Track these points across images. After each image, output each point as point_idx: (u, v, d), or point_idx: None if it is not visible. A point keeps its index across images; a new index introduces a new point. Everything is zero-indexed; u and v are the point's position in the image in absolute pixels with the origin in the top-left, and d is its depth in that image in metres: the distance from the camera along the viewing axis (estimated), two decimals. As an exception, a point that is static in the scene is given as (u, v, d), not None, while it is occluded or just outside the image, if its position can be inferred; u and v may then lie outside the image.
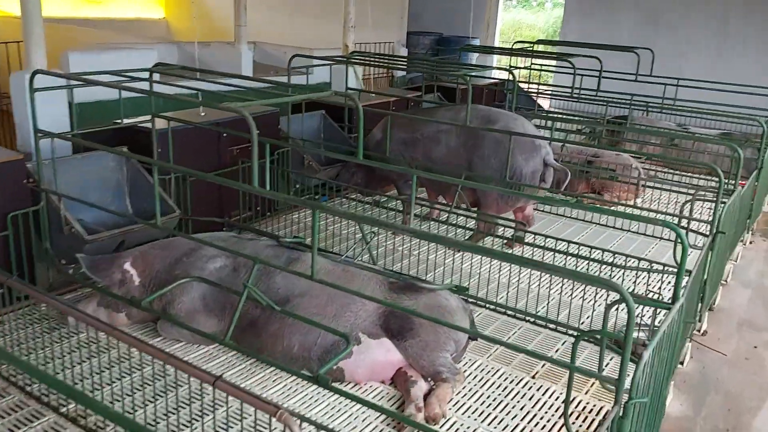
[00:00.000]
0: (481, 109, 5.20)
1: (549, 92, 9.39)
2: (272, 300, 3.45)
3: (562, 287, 4.58)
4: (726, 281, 5.38)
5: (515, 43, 9.20)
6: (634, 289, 4.28)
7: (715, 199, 4.06)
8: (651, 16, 12.64)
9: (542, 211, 6.20)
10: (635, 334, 3.93)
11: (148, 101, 4.42)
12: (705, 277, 4.08)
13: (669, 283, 4.57)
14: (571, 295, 4.41)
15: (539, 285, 4.62)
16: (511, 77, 6.99)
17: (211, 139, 5.10)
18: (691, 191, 5.98)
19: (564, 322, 3.99)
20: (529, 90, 9.73)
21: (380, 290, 3.51)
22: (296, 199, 2.85)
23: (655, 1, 12.57)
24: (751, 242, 6.36)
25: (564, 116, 8.92)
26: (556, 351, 3.86)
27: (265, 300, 3.18)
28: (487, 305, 4.16)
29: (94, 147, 3.71)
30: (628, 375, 2.35)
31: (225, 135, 5.04)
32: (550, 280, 4.67)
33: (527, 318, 4.12)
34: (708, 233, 4.00)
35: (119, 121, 4.81)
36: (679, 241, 2.86)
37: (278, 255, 3.67)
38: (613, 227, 5.89)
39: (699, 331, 4.53)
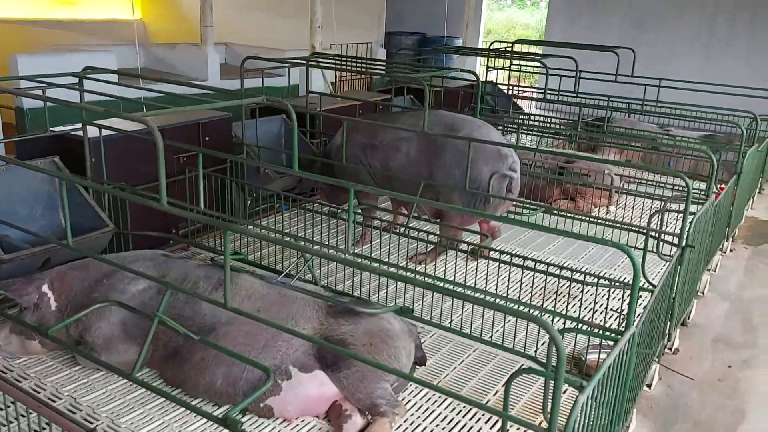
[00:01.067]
0: (444, 115, 4.90)
1: (524, 94, 9.11)
2: (198, 327, 3.17)
3: (518, 307, 4.30)
4: (702, 293, 5.11)
5: (492, 42, 8.92)
6: (594, 307, 4.00)
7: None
8: (638, 16, 12.39)
9: (512, 222, 5.92)
10: (595, 356, 3.66)
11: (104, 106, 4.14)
12: (673, 294, 3.81)
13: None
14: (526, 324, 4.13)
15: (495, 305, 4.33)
16: (494, 78, 6.70)
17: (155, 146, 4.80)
18: (668, 196, 5.72)
19: (518, 350, 3.73)
20: (509, 92, 9.45)
21: (317, 315, 3.23)
22: (207, 218, 2.56)
23: (642, 1, 12.32)
24: (731, 250, 6.09)
25: (528, 120, 8.66)
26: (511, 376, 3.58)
27: (181, 329, 2.89)
28: (437, 327, 3.88)
29: (4, 159, 3.42)
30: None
31: (168, 142, 4.74)
32: (506, 299, 4.38)
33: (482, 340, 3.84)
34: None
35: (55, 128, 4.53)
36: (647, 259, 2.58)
37: (209, 276, 3.39)
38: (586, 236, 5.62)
39: (670, 349, 4.26)
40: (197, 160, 4.91)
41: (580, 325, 3.60)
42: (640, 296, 3.82)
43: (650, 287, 3.85)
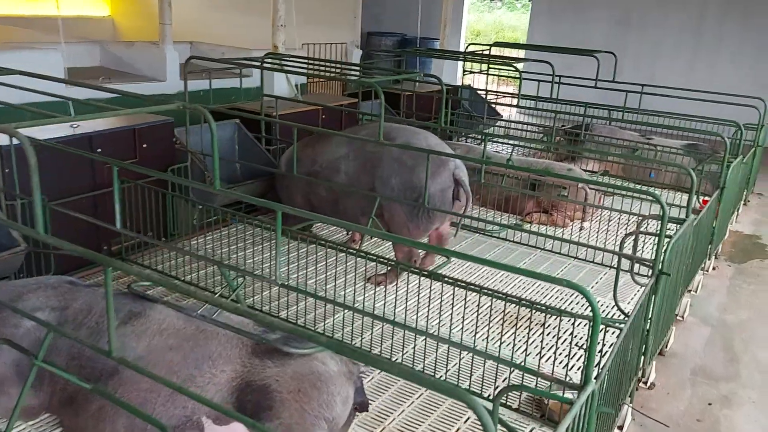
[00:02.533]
0: (377, 126, 4.50)
1: (503, 99, 8.72)
2: (99, 369, 2.75)
3: (474, 342, 3.89)
4: (682, 317, 4.75)
5: (468, 45, 8.53)
6: (557, 343, 3.60)
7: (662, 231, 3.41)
8: (623, 17, 12.06)
9: (485, 233, 5.55)
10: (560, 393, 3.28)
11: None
12: (648, 326, 3.44)
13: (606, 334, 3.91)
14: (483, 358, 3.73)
15: (449, 339, 3.94)
16: (477, 82, 6.31)
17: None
18: (644, 214, 5.35)
19: (475, 389, 3.34)
20: (487, 97, 9.06)
21: (240, 355, 2.82)
22: (81, 249, 2.14)
23: (626, 1, 11.99)
24: (714, 268, 5.73)
25: (507, 127, 8.29)
26: (466, 420, 3.19)
27: (68, 376, 2.46)
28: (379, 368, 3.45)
29: None
30: None
31: (99, 150, 4.31)
32: (462, 332, 3.99)
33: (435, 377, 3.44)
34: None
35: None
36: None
37: (117, 309, 2.95)
38: (560, 253, 5.25)
39: (645, 383, 3.88)
40: (134, 169, 4.51)
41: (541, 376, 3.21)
42: (611, 330, 3.43)
43: (620, 319, 3.48)
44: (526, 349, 3.62)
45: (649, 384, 3.89)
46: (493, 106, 8.96)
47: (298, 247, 4.67)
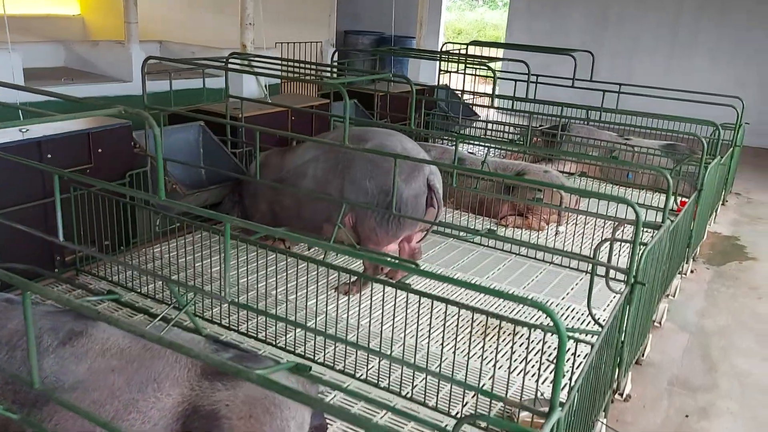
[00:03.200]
0: (351, 129, 4.33)
1: (479, 100, 8.59)
2: (35, 395, 2.54)
3: (442, 354, 3.73)
4: (660, 323, 4.63)
5: (444, 44, 8.38)
6: (528, 349, 3.45)
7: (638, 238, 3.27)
8: (600, 15, 11.99)
9: (459, 238, 5.39)
10: (529, 413, 3.13)
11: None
12: (623, 337, 3.30)
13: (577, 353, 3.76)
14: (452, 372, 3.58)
15: (415, 355, 3.77)
16: (445, 84, 6.15)
17: (34, 160, 4.15)
18: (620, 218, 5.23)
19: (442, 407, 3.17)
20: (463, 96, 8.92)
21: (188, 377, 2.63)
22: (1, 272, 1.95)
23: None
24: (692, 271, 5.63)
25: (485, 127, 8.15)
26: (433, 441, 3.02)
27: (-6, 407, 2.26)
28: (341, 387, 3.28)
29: None
30: None
31: (50, 156, 4.09)
32: (428, 344, 3.82)
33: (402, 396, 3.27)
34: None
35: None
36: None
37: (56, 328, 2.76)
38: (535, 258, 5.11)
39: (621, 395, 3.74)
40: (84, 175, 4.29)
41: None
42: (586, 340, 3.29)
43: (594, 330, 3.33)
44: (495, 362, 3.47)
45: (624, 396, 3.75)
46: (470, 106, 8.84)
47: (257, 257, 4.48)
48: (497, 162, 6.23)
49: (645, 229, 4.51)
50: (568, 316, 4.32)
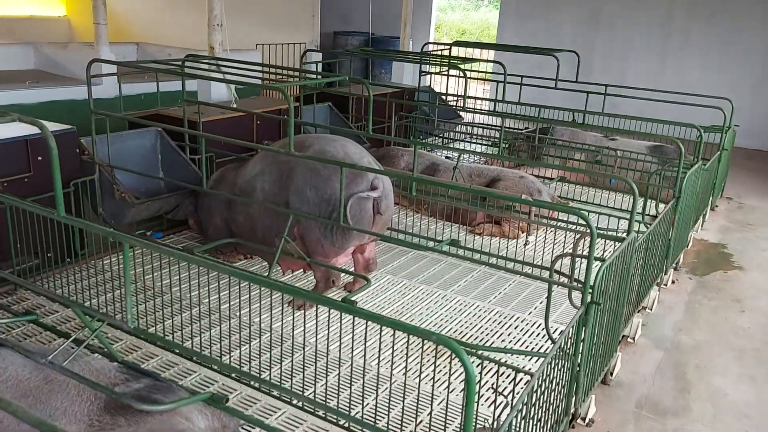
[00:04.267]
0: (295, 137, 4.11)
1: (454, 102, 8.34)
2: None
3: (391, 373, 3.50)
4: (633, 339, 4.38)
5: (425, 45, 8.15)
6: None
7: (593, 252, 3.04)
8: (591, 15, 11.72)
9: (424, 248, 5.15)
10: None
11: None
12: (578, 360, 3.06)
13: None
14: (403, 394, 3.34)
15: (363, 373, 3.54)
16: (427, 86, 5.92)
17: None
18: (608, 222, 4.99)
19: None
20: (446, 99, 8.68)
21: (90, 411, 2.42)
22: None
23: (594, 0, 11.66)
24: (673, 282, 5.38)
25: (470, 131, 7.91)
26: (367, 475, 2.80)
27: None
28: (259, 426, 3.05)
29: None
30: None
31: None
32: (378, 363, 3.59)
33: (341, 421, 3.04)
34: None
35: None
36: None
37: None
38: (504, 269, 4.86)
39: (584, 419, 3.50)
40: (23, 185, 4.08)
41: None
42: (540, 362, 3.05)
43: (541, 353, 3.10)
44: (449, 385, 3.25)
45: (587, 420, 3.51)
46: (454, 108, 8.60)
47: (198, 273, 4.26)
48: (471, 167, 6.00)
49: (612, 241, 4.28)
50: (532, 333, 4.08)
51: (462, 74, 5.70)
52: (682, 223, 5.10)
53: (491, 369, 3.50)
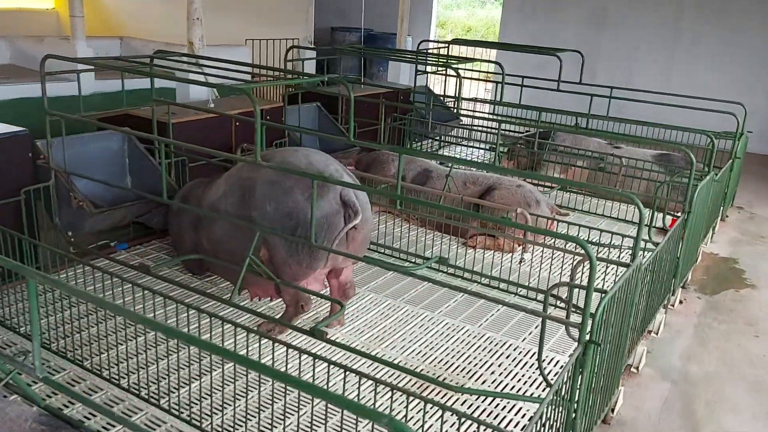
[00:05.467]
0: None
1: (451, 104, 7.95)
2: None
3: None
4: (637, 369, 3.99)
5: (420, 42, 7.75)
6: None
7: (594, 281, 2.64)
8: (598, 15, 11.29)
9: (406, 272, 4.75)
10: None
11: None
12: (574, 407, 2.67)
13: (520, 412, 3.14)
14: None
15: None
16: (424, 86, 5.53)
17: None
18: (611, 239, 4.59)
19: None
20: (444, 100, 8.29)
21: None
22: None
23: (601, -2, 11.24)
24: (681, 302, 4.98)
25: (469, 133, 7.51)
26: None
27: None
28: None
29: None
30: None
31: None
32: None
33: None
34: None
35: None
36: None
37: None
38: (498, 289, 4.47)
39: (580, 467, 3.11)
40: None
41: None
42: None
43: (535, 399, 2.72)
44: (422, 426, 2.87)
45: (584, 468, 3.12)
46: (452, 109, 8.21)
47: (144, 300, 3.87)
48: (466, 174, 5.60)
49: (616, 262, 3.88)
50: (525, 363, 3.68)
51: (456, 74, 5.30)
52: (692, 239, 4.70)
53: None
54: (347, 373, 2.46)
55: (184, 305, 2.86)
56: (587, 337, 2.58)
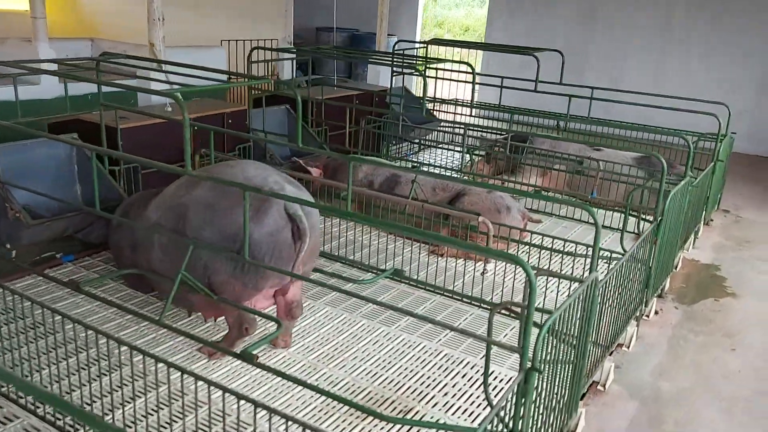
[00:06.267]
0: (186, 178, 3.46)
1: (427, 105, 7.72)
2: None
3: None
4: (604, 387, 3.78)
5: (397, 42, 7.53)
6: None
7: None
8: (587, 12, 11.08)
9: (357, 281, 4.55)
10: None
11: None
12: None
13: None
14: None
15: None
16: (401, 87, 5.32)
17: None
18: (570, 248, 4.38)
19: None
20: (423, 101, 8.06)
21: None
22: None
23: (589, -5, 11.02)
24: (657, 312, 4.77)
25: (450, 134, 7.29)
26: None
27: None
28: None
29: None
30: None
31: None
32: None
33: None
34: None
35: None
36: None
37: None
38: (461, 300, 4.26)
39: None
40: None
41: None
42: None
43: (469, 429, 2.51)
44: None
45: (537, 499, 2.90)
46: (430, 111, 8.00)
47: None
48: (435, 180, 5.39)
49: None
50: (481, 384, 3.46)
51: (422, 75, 5.09)
52: (667, 246, 4.48)
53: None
54: (262, 407, 2.24)
55: (102, 334, 2.64)
56: (528, 364, 2.37)
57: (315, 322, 3.92)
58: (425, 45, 7.71)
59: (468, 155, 5.49)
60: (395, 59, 6.40)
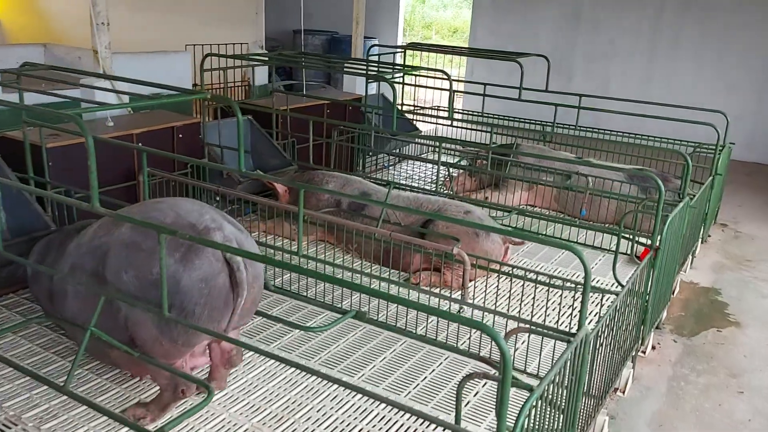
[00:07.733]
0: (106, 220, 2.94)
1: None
2: None
3: None
4: (598, 442, 3.29)
5: (371, 47, 7.03)
6: None
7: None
8: (573, 14, 10.62)
9: (307, 329, 4.02)
10: None
11: None
12: None
13: None
14: None
15: None
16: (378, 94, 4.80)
17: None
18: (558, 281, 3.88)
19: None
20: (402, 110, 7.57)
21: None
22: None
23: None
24: (654, 347, 4.29)
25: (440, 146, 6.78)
26: None
27: None
28: None
29: None
30: None
31: None
32: None
33: None
34: None
35: None
36: None
37: None
38: (435, 341, 3.76)
39: None
40: None
41: None
42: None
43: None
44: None
45: None
46: (410, 120, 7.50)
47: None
48: (410, 198, 4.90)
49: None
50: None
51: (390, 84, 4.59)
52: (665, 277, 4.00)
53: None
54: None
55: None
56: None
57: (265, 372, 3.41)
58: (402, 50, 7.21)
59: (445, 170, 4.98)
60: (369, 66, 5.89)
